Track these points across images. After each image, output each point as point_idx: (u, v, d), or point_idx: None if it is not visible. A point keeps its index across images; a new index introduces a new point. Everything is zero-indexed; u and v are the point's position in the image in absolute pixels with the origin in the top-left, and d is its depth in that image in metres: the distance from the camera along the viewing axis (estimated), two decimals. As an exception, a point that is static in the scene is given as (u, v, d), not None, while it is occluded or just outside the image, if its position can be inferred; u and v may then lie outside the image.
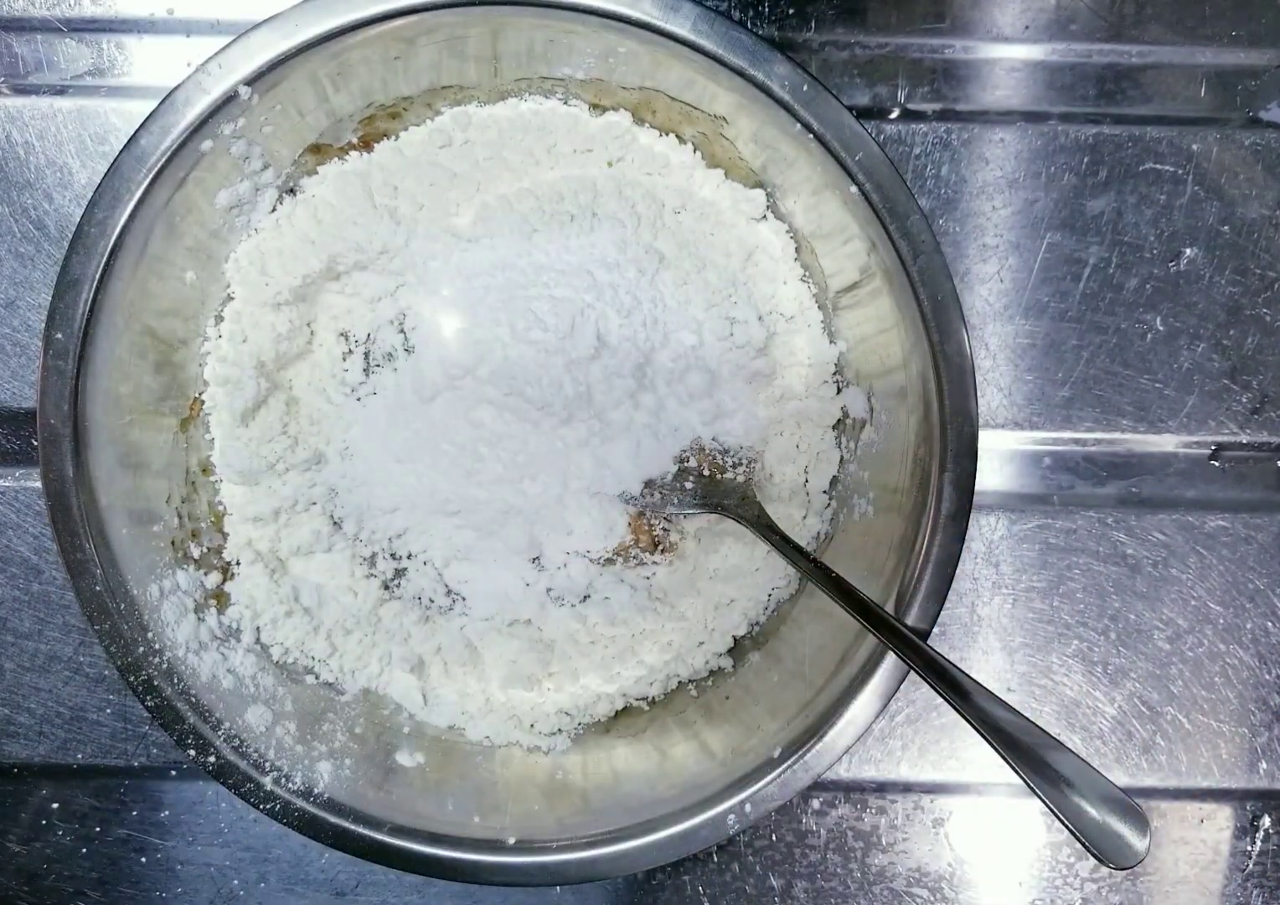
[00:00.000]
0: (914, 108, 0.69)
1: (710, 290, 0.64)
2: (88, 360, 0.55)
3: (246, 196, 0.61)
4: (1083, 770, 0.47)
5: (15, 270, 0.68)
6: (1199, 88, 0.70)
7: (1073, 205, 0.70)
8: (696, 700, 0.67)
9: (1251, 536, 0.72)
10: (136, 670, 0.56)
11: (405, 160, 0.64)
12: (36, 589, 0.70)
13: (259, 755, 0.58)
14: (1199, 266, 0.70)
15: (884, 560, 0.59)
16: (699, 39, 0.55)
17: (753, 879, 0.72)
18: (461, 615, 0.67)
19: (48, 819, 0.71)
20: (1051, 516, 0.71)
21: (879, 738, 0.71)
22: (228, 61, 0.55)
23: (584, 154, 0.64)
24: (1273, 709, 0.72)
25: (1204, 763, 0.72)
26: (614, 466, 0.64)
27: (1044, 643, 0.71)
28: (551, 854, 0.57)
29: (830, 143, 0.55)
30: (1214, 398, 0.71)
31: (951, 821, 0.72)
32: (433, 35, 0.57)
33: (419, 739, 0.65)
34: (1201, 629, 0.72)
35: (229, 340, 0.63)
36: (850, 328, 0.64)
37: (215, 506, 0.65)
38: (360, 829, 0.57)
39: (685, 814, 0.56)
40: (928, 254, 0.55)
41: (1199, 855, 0.72)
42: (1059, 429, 0.71)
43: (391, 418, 0.65)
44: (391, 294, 0.65)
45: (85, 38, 0.67)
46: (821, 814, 0.72)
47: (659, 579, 0.67)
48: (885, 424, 0.62)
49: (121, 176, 0.55)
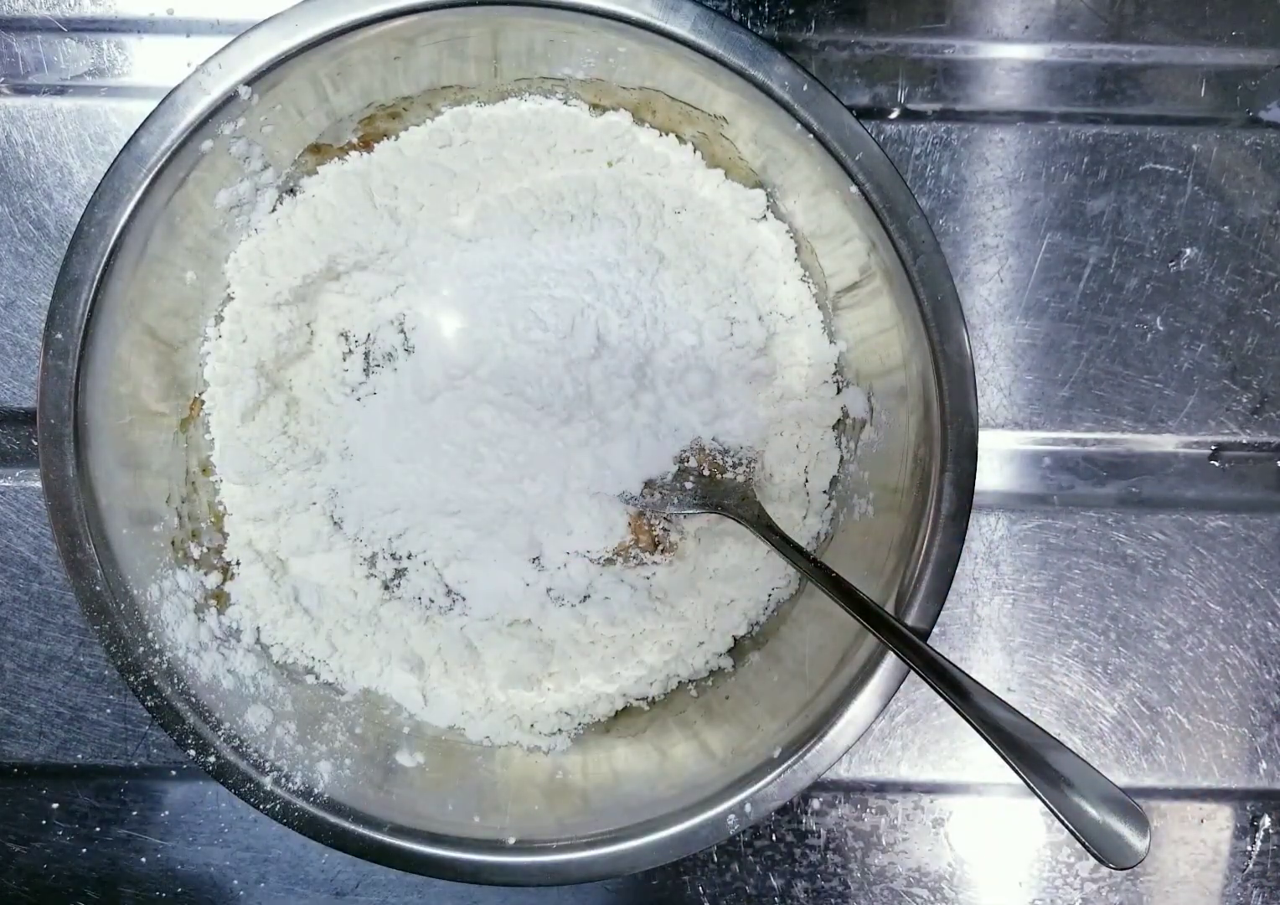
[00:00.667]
0: (914, 108, 0.69)
1: (710, 290, 0.64)
2: (88, 360, 0.55)
3: (246, 196, 0.61)
4: (1083, 770, 0.47)
5: (15, 270, 0.68)
6: (1199, 88, 0.70)
7: (1073, 205, 0.70)
8: (696, 700, 0.67)
9: (1251, 536, 0.72)
10: (136, 670, 0.56)
11: (405, 160, 0.64)
12: (36, 589, 0.70)
13: (259, 755, 0.58)
14: (1199, 266, 0.70)
15: (884, 560, 0.59)
16: (699, 39, 0.55)
17: (753, 879, 0.72)
18: (461, 615, 0.67)
19: (48, 819, 0.71)
20: (1051, 516, 0.71)
21: (879, 738, 0.71)
22: (228, 61, 0.54)
23: (584, 154, 0.64)
24: (1273, 709, 0.72)
25: (1204, 763, 0.72)
26: (614, 466, 0.64)
27: (1044, 643, 0.71)
28: (551, 854, 0.57)
29: (830, 143, 0.55)
30: (1214, 398, 0.71)
31: (951, 821, 0.72)
32: (433, 35, 0.57)
33: (419, 739, 0.65)
34: (1201, 629, 0.72)
35: (229, 340, 0.63)
36: (850, 328, 0.64)
37: (215, 506, 0.65)
38: (360, 829, 0.57)
39: (685, 814, 0.56)
40: (928, 254, 0.55)
41: (1199, 855, 0.72)
42: (1059, 429, 0.71)
43: (391, 418, 0.65)
44: (391, 294, 0.65)
45: (85, 38, 0.67)
46: (821, 814, 0.72)
47: (659, 579, 0.67)
48: (885, 424, 0.62)
49: (121, 176, 0.55)
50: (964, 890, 0.72)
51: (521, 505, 0.64)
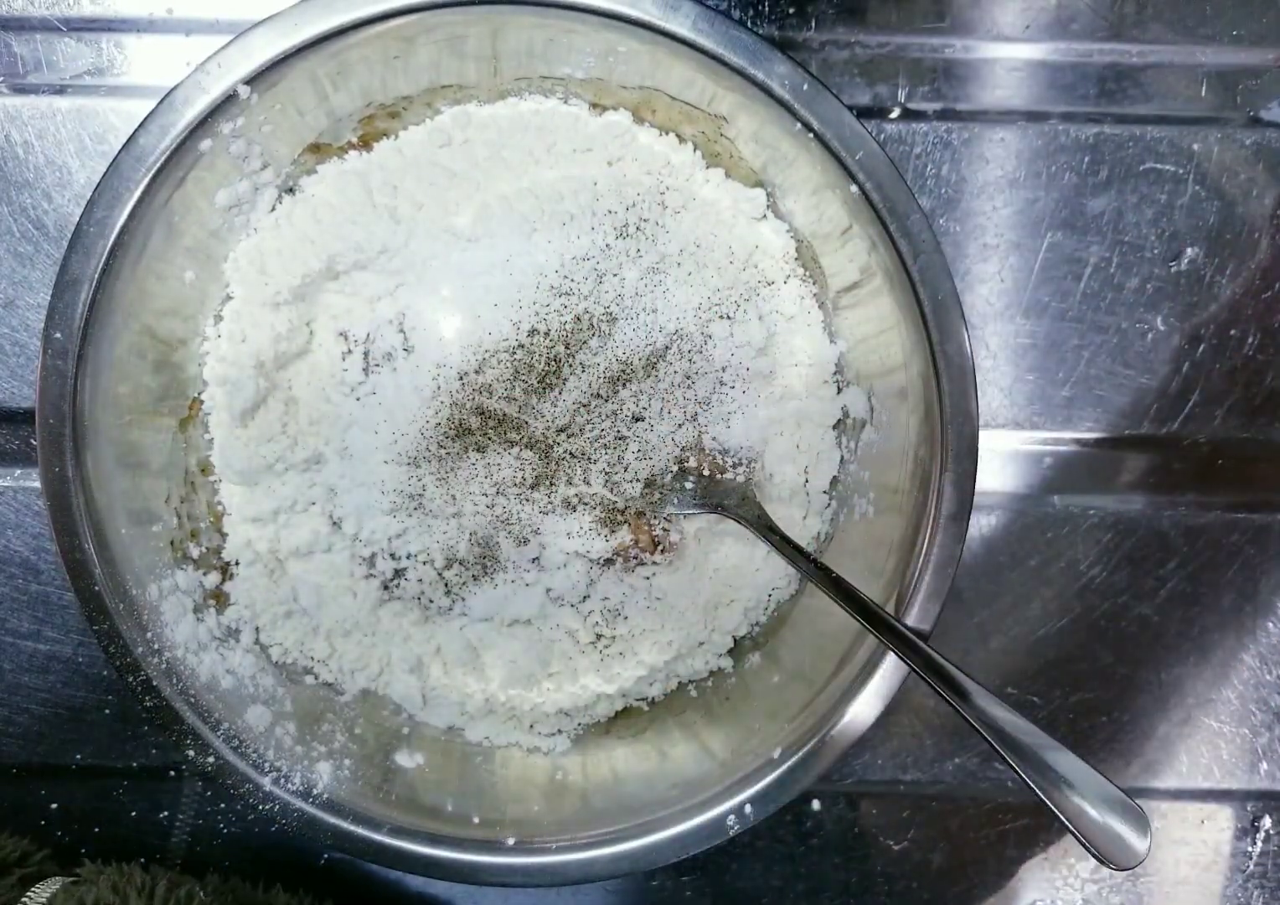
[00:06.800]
0: (914, 107, 0.69)
1: (710, 290, 0.64)
2: (87, 360, 0.55)
3: (245, 196, 0.61)
4: (1083, 771, 0.47)
5: (14, 270, 0.68)
6: (1200, 87, 0.70)
7: (1073, 205, 0.70)
8: (696, 701, 0.67)
9: (1252, 536, 0.71)
10: (135, 670, 0.56)
11: (405, 160, 0.64)
12: (36, 589, 0.70)
13: (258, 755, 0.58)
14: (1199, 266, 0.70)
15: (884, 560, 0.59)
16: (699, 38, 0.55)
17: (753, 879, 0.72)
18: (461, 616, 0.67)
19: (48, 819, 0.71)
20: (1052, 516, 0.71)
21: (880, 738, 0.71)
22: (227, 61, 0.54)
23: (584, 153, 0.64)
24: (1273, 709, 0.72)
25: (1204, 763, 0.72)
26: (614, 467, 0.64)
27: (1044, 643, 0.71)
28: (551, 854, 0.57)
29: (830, 142, 0.55)
30: (1213, 398, 0.71)
31: (952, 822, 0.72)
32: (432, 34, 0.57)
33: (418, 739, 0.65)
34: (1202, 629, 0.72)
35: (228, 340, 0.63)
36: (850, 327, 0.64)
37: (214, 506, 0.65)
38: (359, 829, 0.57)
39: (685, 814, 0.56)
40: (928, 254, 0.55)
41: (1199, 856, 0.72)
42: (1059, 429, 0.71)
43: (391, 418, 0.64)
44: (391, 294, 0.65)
45: (84, 37, 0.67)
46: (821, 814, 0.72)
47: (659, 579, 0.66)
48: (885, 424, 0.62)
49: (121, 176, 0.55)
50: (964, 891, 0.72)
51: (521, 505, 0.64)
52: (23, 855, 0.63)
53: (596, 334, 0.62)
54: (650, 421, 0.64)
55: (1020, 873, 0.72)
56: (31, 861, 0.63)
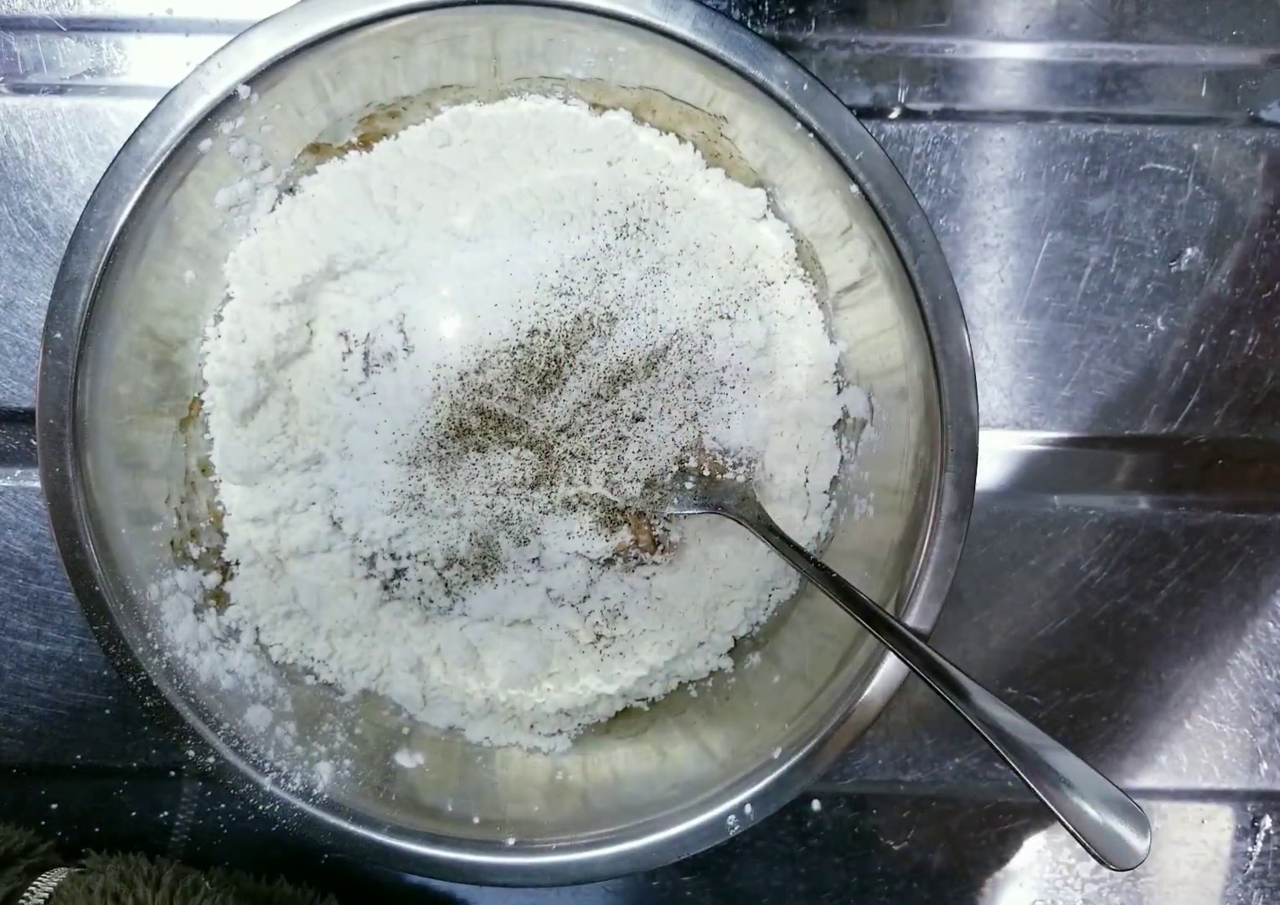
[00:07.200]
0: (914, 107, 0.69)
1: (710, 290, 0.64)
2: (87, 360, 0.55)
3: (245, 196, 0.61)
4: (1083, 771, 0.47)
5: (14, 270, 0.68)
6: (1200, 87, 0.70)
7: (1073, 205, 0.70)
8: (696, 701, 0.67)
9: (1252, 536, 0.71)
10: (135, 670, 0.56)
11: (405, 160, 0.64)
12: (36, 589, 0.70)
13: (258, 756, 0.58)
14: (1199, 266, 0.70)
15: (884, 560, 0.59)
16: (699, 38, 0.55)
17: (753, 879, 0.72)
18: (461, 616, 0.67)
19: (48, 819, 0.71)
20: (1052, 517, 0.71)
21: (880, 738, 0.71)
22: (227, 61, 0.54)
23: (584, 154, 0.64)
24: (1273, 709, 0.72)
25: (1205, 763, 0.72)
26: (614, 467, 0.64)
27: (1044, 642, 0.71)
28: (551, 854, 0.57)
29: (830, 142, 0.55)
30: (1213, 398, 0.71)
31: (952, 822, 0.72)
32: (432, 34, 0.57)
33: (418, 739, 0.65)
34: (1202, 629, 0.72)
35: (228, 340, 0.63)
36: (850, 328, 0.64)
37: (214, 507, 0.65)
38: (360, 829, 0.57)
39: (685, 815, 0.56)
40: (928, 254, 0.55)
41: (1200, 856, 0.72)
42: (1059, 429, 0.71)
43: (391, 418, 0.64)
44: (391, 294, 0.65)
45: (84, 37, 0.67)
46: (821, 814, 0.72)
47: (659, 579, 0.66)
48: (886, 424, 0.62)
49: (121, 176, 0.55)
50: (964, 891, 0.72)
51: (522, 505, 0.64)
52: (28, 846, 0.63)
53: (596, 334, 0.62)
54: (650, 421, 0.64)
55: (1020, 873, 0.72)
56: (36, 852, 0.63)
